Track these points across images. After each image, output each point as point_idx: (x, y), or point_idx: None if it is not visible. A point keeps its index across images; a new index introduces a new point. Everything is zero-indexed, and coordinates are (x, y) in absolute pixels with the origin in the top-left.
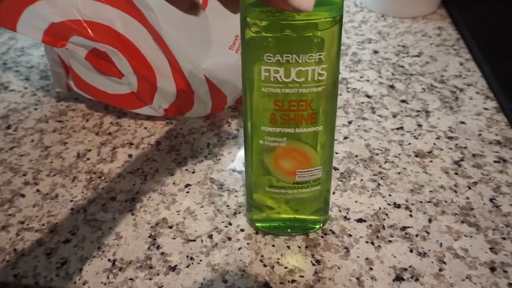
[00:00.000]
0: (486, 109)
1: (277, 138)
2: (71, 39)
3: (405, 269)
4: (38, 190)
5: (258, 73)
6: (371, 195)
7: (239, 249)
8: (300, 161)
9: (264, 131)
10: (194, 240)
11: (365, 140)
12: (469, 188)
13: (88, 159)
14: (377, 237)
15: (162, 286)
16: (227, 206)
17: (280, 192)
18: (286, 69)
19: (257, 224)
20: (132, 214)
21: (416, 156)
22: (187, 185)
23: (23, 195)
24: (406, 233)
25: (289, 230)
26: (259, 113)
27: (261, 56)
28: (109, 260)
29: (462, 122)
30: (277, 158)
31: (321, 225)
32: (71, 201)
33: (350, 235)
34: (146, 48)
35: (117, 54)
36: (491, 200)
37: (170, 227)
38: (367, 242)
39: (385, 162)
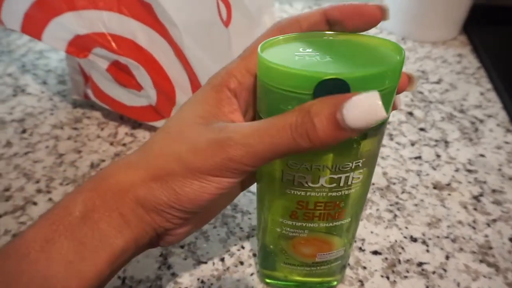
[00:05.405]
0: (506, 142)
1: (297, 230)
2: (93, 50)
3: None
4: (50, 199)
5: (278, 173)
6: (387, 226)
7: (251, 275)
8: (321, 246)
9: (282, 222)
10: (206, 263)
11: (382, 168)
12: (488, 225)
13: (101, 169)
14: (393, 271)
15: None
16: (240, 228)
17: (297, 269)
18: (314, 176)
19: (267, 280)
20: None
21: (434, 188)
22: None
23: (35, 203)
24: (422, 269)
25: None
26: (278, 209)
27: (283, 160)
28: (119, 277)
29: (482, 155)
30: (296, 245)
31: (339, 281)
32: None
33: (365, 268)
34: (167, 62)
35: (138, 67)
36: (511, 239)
37: (182, 247)
38: (382, 276)
39: (402, 192)
